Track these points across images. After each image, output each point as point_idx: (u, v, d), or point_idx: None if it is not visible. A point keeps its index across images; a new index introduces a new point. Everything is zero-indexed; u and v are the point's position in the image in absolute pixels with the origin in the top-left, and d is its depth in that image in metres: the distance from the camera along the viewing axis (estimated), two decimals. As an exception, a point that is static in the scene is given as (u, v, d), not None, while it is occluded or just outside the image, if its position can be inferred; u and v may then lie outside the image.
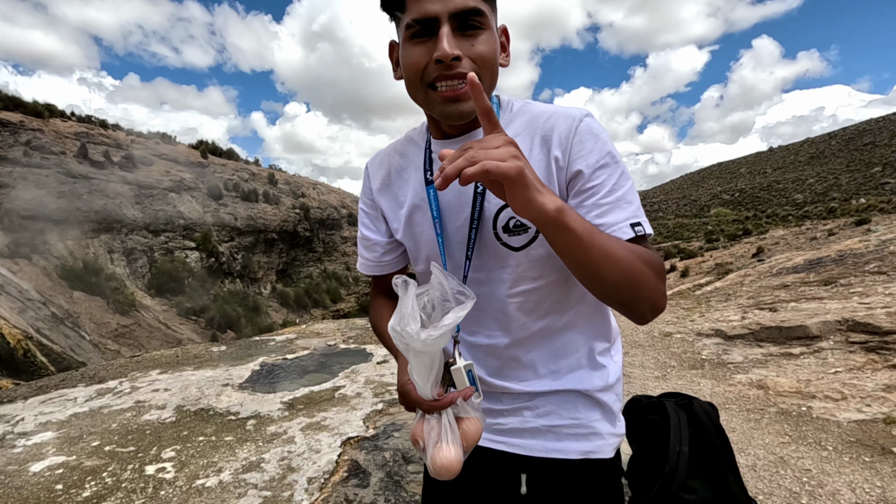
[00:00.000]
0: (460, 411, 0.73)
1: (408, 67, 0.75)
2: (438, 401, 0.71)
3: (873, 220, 17.88)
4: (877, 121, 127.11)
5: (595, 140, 0.75)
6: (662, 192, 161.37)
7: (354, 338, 5.37)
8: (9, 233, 36.39)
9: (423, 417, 0.74)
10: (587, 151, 0.75)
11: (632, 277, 0.67)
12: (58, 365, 17.34)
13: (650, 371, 4.17)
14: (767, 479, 2.37)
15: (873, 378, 3.38)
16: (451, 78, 0.71)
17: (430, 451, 0.70)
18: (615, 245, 0.66)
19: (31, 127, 48.21)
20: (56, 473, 2.42)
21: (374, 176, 0.95)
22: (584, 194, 0.75)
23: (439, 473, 0.69)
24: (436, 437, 0.70)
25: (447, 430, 0.70)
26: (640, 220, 0.74)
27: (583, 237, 0.62)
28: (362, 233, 0.97)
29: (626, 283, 0.67)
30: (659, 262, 0.73)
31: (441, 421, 0.71)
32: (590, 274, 0.66)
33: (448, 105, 0.73)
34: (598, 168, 0.74)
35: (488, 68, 0.73)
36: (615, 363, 0.90)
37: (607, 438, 0.87)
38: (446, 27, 0.69)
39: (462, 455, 0.70)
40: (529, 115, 0.81)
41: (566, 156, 0.76)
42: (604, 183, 0.74)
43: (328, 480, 2.27)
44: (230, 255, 55.94)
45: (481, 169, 0.55)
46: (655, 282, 0.70)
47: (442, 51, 0.68)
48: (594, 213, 0.73)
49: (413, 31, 0.72)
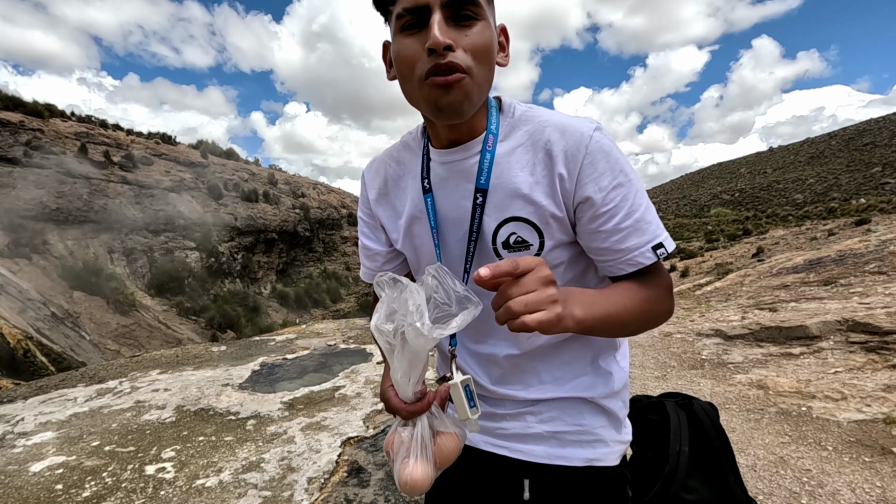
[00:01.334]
0: (438, 424, 0.70)
1: (399, 61, 0.70)
2: (416, 404, 0.69)
3: (873, 220, 17.88)
4: (877, 121, 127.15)
5: (607, 159, 0.71)
6: (662, 192, 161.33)
7: (354, 338, 5.37)
8: (9, 233, 36.36)
9: (396, 429, 0.70)
10: (599, 173, 0.71)
11: (647, 324, 0.75)
12: (58, 365, 17.34)
13: (650, 371, 4.17)
14: (767, 479, 2.37)
15: (873, 378, 3.38)
16: (444, 69, 0.65)
17: (397, 465, 0.67)
18: (630, 307, 0.71)
19: (31, 127, 48.19)
20: (56, 473, 2.42)
21: (370, 185, 0.91)
22: (601, 219, 0.72)
23: (404, 490, 0.66)
24: (405, 453, 0.67)
25: (419, 445, 0.67)
26: (662, 240, 0.73)
27: (602, 325, 0.68)
28: (363, 242, 0.95)
29: (643, 329, 0.76)
30: (667, 285, 0.77)
31: (414, 433, 0.68)
32: (610, 336, 0.77)
33: (440, 96, 0.67)
34: (613, 189, 0.71)
35: (483, 61, 0.69)
36: (621, 369, 0.88)
37: (612, 446, 0.85)
38: (438, 14, 0.65)
39: (432, 472, 0.67)
40: (533, 125, 0.76)
41: (574, 176, 0.72)
42: (620, 205, 0.71)
43: (328, 480, 2.27)
44: (230, 255, 55.90)
45: (522, 325, 0.57)
46: (666, 310, 0.77)
47: (433, 39, 0.64)
48: (614, 239, 0.72)
49: (404, 21, 0.67)
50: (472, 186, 0.77)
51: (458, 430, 0.71)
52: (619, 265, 0.74)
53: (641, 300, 0.72)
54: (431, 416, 0.70)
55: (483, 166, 0.75)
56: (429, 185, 0.81)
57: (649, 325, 0.75)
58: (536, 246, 0.76)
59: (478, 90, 0.69)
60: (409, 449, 0.67)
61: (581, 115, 0.78)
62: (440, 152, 0.80)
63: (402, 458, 0.67)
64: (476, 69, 0.68)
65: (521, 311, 0.57)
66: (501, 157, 0.76)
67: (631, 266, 0.74)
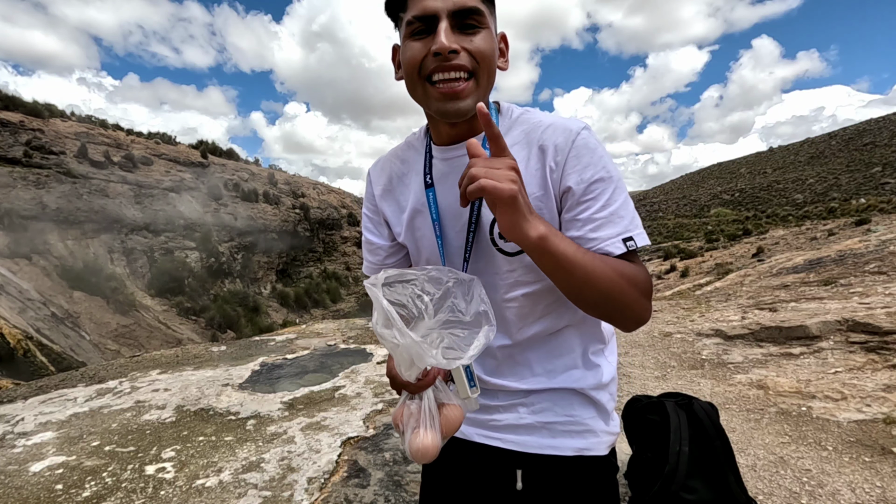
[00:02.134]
0: (442, 397, 0.74)
1: (407, 62, 0.76)
2: (422, 380, 0.73)
3: (873, 220, 17.90)
4: (877, 121, 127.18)
5: (591, 154, 0.76)
6: (662, 192, 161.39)
7: (354, 338, 5.37)
8: (9, 233, 36.36)
9: (404, 402, 0.75)
10: (583, 166, 0.76)
11: (612, 297, 0.72)
12: (58, 365, 17.34)
13: (650, 371, 4.17)
14: (767, 479, 2.37)
15: (873, 378, 3.38)
16: (448, 70, 0.72)
17: (407, 435, 0.71)
18: (599, 267, 0.70)
19: (31, 127, 48.18)
20: (56, 473, 2.42)
21: (376, 182, 0.97)
22: (579, 208, 0.76)
23: (415, 457, 0.70)
24: (414, 423, 0.71)
25: (427, 415, 0.71)
26: (633, 234, 0.76)
27: (564, 262, 0.68)
28: (366, 237, 1.00)
29: (607, 302, 0.72)
30: (644, 279, 0.76)
31: (422, 405, 0.72)
32: (573, 292, 0.72)
33: (446, 102, 0.74)
34: (593, 182, 0.76)
35: (485, 64, 0.75)
36: (609, 363, 0.91)
37: (601, 436, 0.88)
38: (445, 22, 0.71)
39: (440, 441, 0.71)
40: (528, 125, 0.82)
41: (560, 167, 0.77)
42: (597, 197, 0.76)
43: (328, 480, 2.27)
44: (230, 255, 55.90)
45: (478, 187, 0.62)
46: (637, 298, 0.74)
47: (440, 43, 0.70)
48: (588, 228, 0.76)
49: (413, 27, 0.74)
50: None
51: (460, 401, 0.77)
52: None
53: (612, 269, 0.72)
54: (436, 390, 0.74)
55: None
56: (431, 180, 0.86)
57: (612, 304, 0.72)
58: None
59: (479, 93, 0.76)
60: (419, 420, 0.71)
61: (576, 118, 0.84)
62: (442, 149, 0.86)
63: (412, 428, 0.71)
64: (478, 72, 0.75)
65: (479, 173, 0.63)
66: None
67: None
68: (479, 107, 0.62)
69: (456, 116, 0.76)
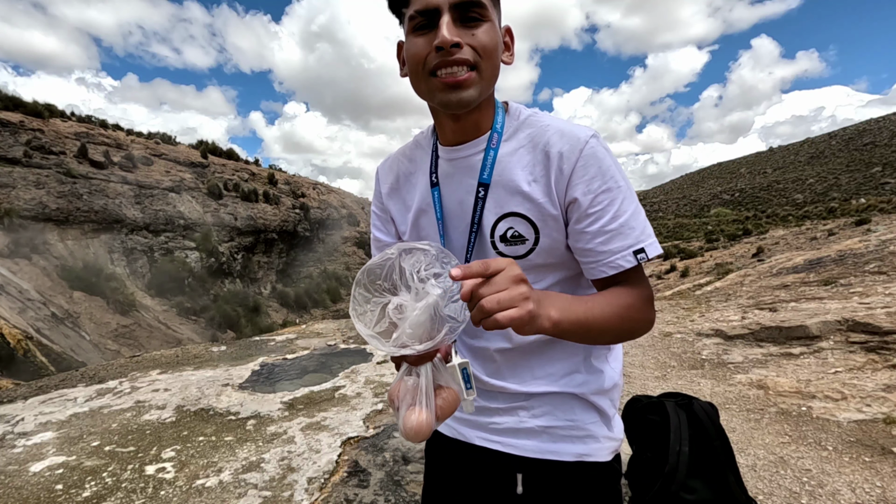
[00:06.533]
0: (440, 378, 0.73)
1: (410, 58, 0.76)
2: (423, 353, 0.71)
3: (873, 220, 17.89)
4: (876, 121, 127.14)
5: (599, 165, 0.75)
6: (662, 192, 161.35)
7: (354, 338, 5.37)
8: (9, 233, 36.34)
9: (401, 378, 0.74)
10: (590, 177, 0.75)
11: (624, 332, 0.76)
12: (58, 365, 17.33)
13: (650, 371, 4.16)
14: (767, 479, 2.37)
15: (873, 378, 3.38)
16: (450, 64, 0.72)
17: (402, 412, 0.70)
18: (608, 314, 0.72)
19: (31, 127, 48.13)
20: (56, 473, 2.42)
21: (383, 180, 0.97)
22: (588, 220, 0.76)
23: (408, 435, 0.69)
24: (410, 400, 0.70)
25: (423, 394, 0.70)
26: (644, 245, 0.75)
27: (579, 329, 0.69)
28: (374, 234, 1.01)
29: (619, 338, 0.77)
30: (647, 296, 0.77)
31: (419, 383, 0.71)
32: (590, 343, 0.79)
33: (448, 93, 0.73)
34: (601, 192, 0.75)
35: (488, 58, 0.74)
36: (612, 369, 0.90)
37: (603, 442, 0.87)
38: (447, 17, 0.71)
39: (434, 421, 0.70)
40: (536, 129, 0.81)
41: (566, 177, 0.76)
42: (606, 208, 0.75)
43: (328, 480, 2.27)
44: (230, 255, 55.85)
45: (495, 323, 0.57)
46: (643, 319, 0.77)
47: (441, 38, 0.70)
48: (598, 241, 0.75)
49: (416, 22, 0.73)
50: (475, 182, 0.81)
51: (456, 386, 0.75)
52: (600, 267, 0.77)
53: (620, 308, 0.73)
54: (435, 370, 0.73)
55: (486, 162, 0.80)
56: (436, 179, 0.86)
57: (628, 334, 0.76)
58: (532, 241, 0.79)
59: (482, 84, 0.75)
60: (415, 397, 0.70)
61: (583, 124, 0.82)
62: (447, 149, 0.85)
63: (407, 404, 0.70)
64: (481, 65, 0.73)
65: (493, 308, 0.57)
66: (504, 156, 0.80)
67: (611, 269, 0.76)
68: (452, 273, 0.58)
69: (458, 107, 0.75)
